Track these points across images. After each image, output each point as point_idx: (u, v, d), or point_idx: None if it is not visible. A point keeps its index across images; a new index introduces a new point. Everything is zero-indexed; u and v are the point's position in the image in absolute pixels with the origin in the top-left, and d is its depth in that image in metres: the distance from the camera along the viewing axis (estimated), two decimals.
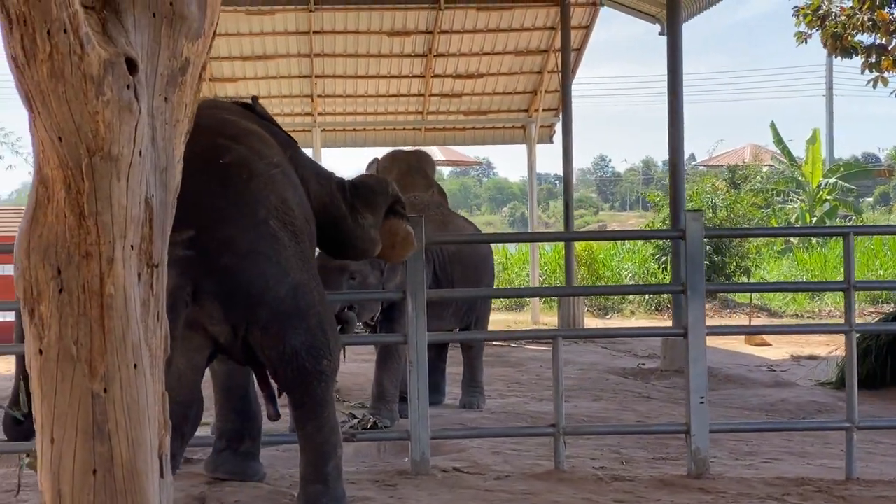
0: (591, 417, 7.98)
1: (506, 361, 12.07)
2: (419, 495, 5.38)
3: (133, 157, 2.86)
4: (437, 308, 7.87)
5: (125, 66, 2.83)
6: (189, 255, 4.58)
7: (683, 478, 5.84)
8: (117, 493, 2.85)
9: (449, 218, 8.33)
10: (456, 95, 19.06)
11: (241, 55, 17.68)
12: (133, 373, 2.88)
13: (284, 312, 4.89)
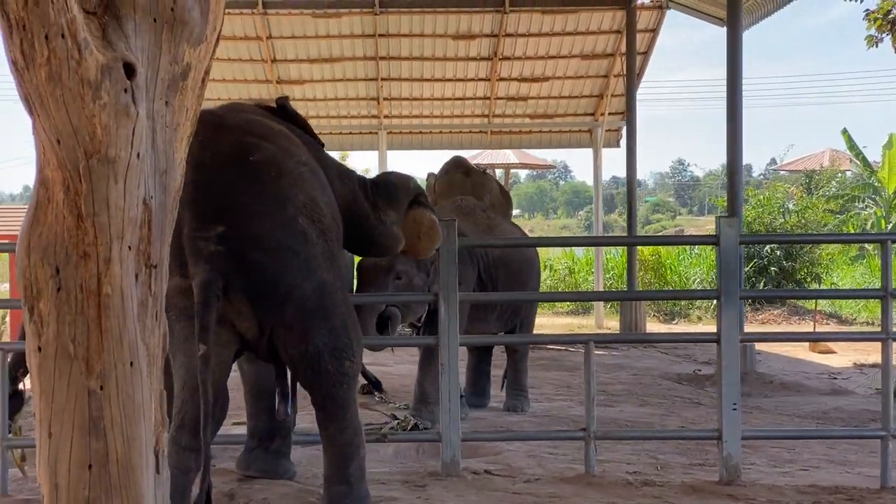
0: (635, 422, 7.95)
1: (562, 365, 12.05)
2: (446, 496, 5.41)
3: (131, 159, 2.91)
4: (482, 311, 7.92)
5: (122, 70, 2.89)
6: (220, 251, 4.66)
7: (714, 484, 5.81)
8: (112, 487, 2.91)
9: (495, 222, 8.34)
10: (522, 99, 19.06)
11: (307, 58, 17.85)
12: (129, 371, 2.94)
13: (309, 311, 4.93)
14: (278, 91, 18.44)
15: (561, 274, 24.54)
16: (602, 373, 11.34)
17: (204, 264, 4.62)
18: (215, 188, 4.76)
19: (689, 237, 17.39)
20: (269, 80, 18.25)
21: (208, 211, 4.71)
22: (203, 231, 4.66)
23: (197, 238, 4.65)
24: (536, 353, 12.92)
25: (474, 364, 8.68)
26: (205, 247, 4.64)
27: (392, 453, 6.85)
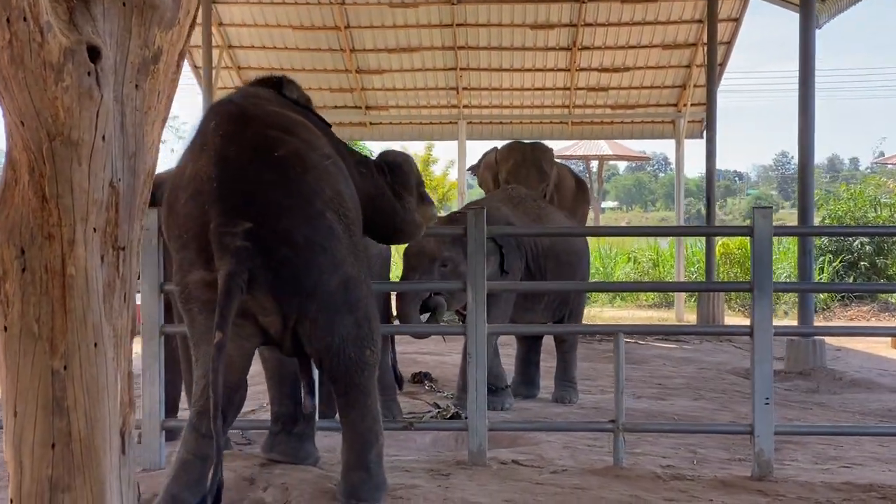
0: (683, 416, 7.84)
1: (629, 358, 11.80)
2: (468, 485, 5.38)
3: (95, 142, 2.94)
4: (529, 301, 7.88)
5: (86, 53, 2.91)
6: (246, 246, 4.66)
7: (746, 479, 5.70)
8: (74, 466, 2.95)
9: (545, 212, 8.29)
10: (602, 89, 18.89)
11: (385, 47, 17.89)
12: (93, 351, 2.97)
13: (335, 305, 4.96)
14: (357, 81, 18.54)
15: (644, 267, 24.35)
16: (669, 366, 11.25)
17: (230, 258, 4.63)
18: (241, 184, 4.78)
19: (721, 228, 16.99)
20: (349, 70, 18.34)
21: (235, 206, 4.72)
22: (230, 226, 4.66)
23: (224, 233, 4.66)
24: (603, 346, 12.83)
25: (523, 354, 8.64)
26: (231, 242, 4.65)
27: (430, 442, 6.86)
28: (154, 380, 5.85)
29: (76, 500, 2.95)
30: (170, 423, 6.09)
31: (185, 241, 4.83)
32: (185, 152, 5.09)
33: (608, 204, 67.30)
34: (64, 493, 2.94)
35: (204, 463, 4.81)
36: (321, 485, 5.21)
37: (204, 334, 4.83)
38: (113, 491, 3.02)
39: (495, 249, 7.37)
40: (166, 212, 5.02)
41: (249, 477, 5.33)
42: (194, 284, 4.83)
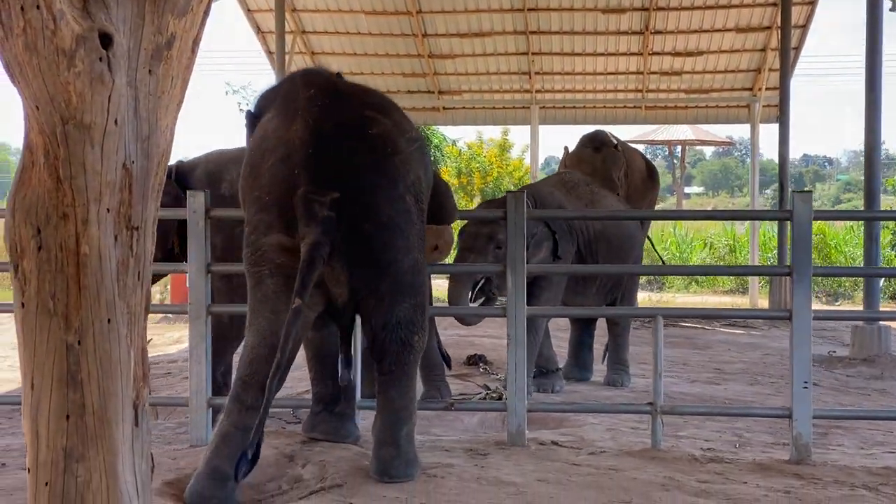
0: (734, 401, 7.82)
1: (693, 343, 11.90)
2: (503, 465, 5.44)
3: (107, 125, 3.03)
4: (580, 284, 7.91)
5: (98, 40, 3.01)
6: (332, 217, 4.79)
7: (784, 463, 5.68)
8: (88, 437, 3.05)
9: (597, 196, 8.29)
10: (676, 73, 18.79)
11: (457, 32, 17.93)
12: (106, 327, 3.07)
13: (402, 287, 5.11)
14: (430, 66, 18.62)
15: (721, 252, 24.17)
16: (733, 351, 11.20)
17: (316, 227, 4.75)
18: (334, 156, 4.93)
19: (761, 212, 16.62)
20: (421, 55, 18.42)
21: (326, 176, 4.86)
22: (318, 194, 4.79)
23: (312, 200, 4.78)
24: (669, 331, 12.78)
25: (576, 337, 8.67)
26: (319, 210, 4.77)
27: (477, 423, 6.92)
28: (201, 358, 5.97)
29: (89, 469, 3.05)
30: (216, 401, 6.21)
31: (266, 203, 4.94)
32: (272, 116, 5.20)
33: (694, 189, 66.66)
34: (78, 463, 3.04)
35: (245, 435, 4.83)
36: (358, 462, 5.31)
37: (268, 300, 4.95)
38: (125, 461, 3.12)
39: (549, 234, 7.41)
40: (247, 172, 5.12)
41: (289, 454, 5.44)
42: (269, 247, 4.93)
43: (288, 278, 4.85)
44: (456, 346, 10.11)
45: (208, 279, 6.03)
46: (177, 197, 6.68)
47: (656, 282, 20.94)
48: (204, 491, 4.84)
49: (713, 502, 4.90)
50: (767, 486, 5.23)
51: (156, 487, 4.97)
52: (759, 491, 5.10)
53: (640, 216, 8.12)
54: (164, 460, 5.46)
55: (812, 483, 5.31)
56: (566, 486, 5.09)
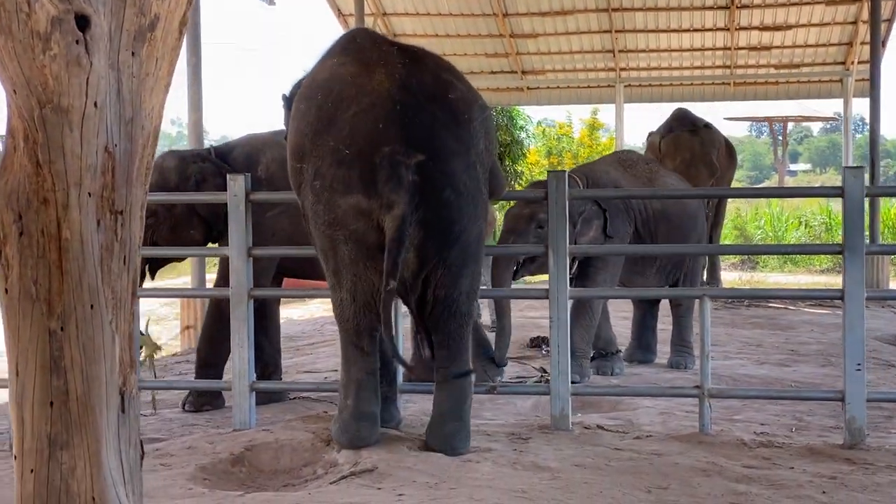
0: (802, 383, 7.61)
1: (775, 324, 11.63)
2: (542, 450, 5.34)
3: (86, 108, 3.00)
4: (639, 265, 7.76)
5: (74, 22, 2.97)
6: (416, 181, 4.77)
7: (836, 447, 5.50)
8: (72, 424, 3.03)
9: (656, 175, 8.11)
10: (764, 48, 18.37)
11: (539, 11, 17.74)
12: (90, 312, 3.04)
13: (468, 256, 5.11)
14: (512, 45, 18.47)
15: (817, 231, 23.65)
16: (816, 332, 10.90)
17: (404, 194, 4.73)
18: (420, 116, 4.90)
19: (812, 189, 16.14)
20: (503, 35, 18.28)
21: (414, 136, 4.84)
22: (406, 156, 4.76)
23: (399, 162, 4.75)
24: (752, 311, 12.55)
25: (639, 318, 8.51)
26: (405, 174, 4.74)
27: (530, 407, 6.83)
28: (243, 342, 5.97)
29: (74, 456, 3.03)
30: (259, 385, 6.22)
31: (347, 157, 4.84)
32: (339, 62, 5.15)
33: (801, 167, 65.47)
34: (62, 450, 3.02)
35: (375, 376, 5.14)
36: (394, 446, 5.25)
37: (345, 265, 4.96)
38: (110, 448, 3.09)
39: (599, 213, 7.28)
40: (315, 117, 4.99)
41: (326, 438, 5.41)
42: (346, 209, 4.86)
43: (362, 246, 4.86)
44: (521, 328, 10.02)
45: (249, 262, 6.01)
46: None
47: (749, 261, 20.57)
48: (360, 432, 5.10)
49: (754, 488, 4.77)
50: (814, 471, 5.07)
51: (189, 472, 5.00)
52: (804, 476, 4.96)
53: (681, 195, 7.89)
54: (202, 444, 5.47)
55: (862, 468, 5.14)
56: (603, 471, 4.99)
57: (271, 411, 6.64)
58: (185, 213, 6.80)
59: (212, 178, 6.73)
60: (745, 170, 57.45)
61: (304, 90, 5.20)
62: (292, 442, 5.43)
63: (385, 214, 4.71)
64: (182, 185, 6.73)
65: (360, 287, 4.95)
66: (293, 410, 6.65)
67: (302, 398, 7.12)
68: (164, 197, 6.64)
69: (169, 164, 6.88)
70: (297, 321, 12.89)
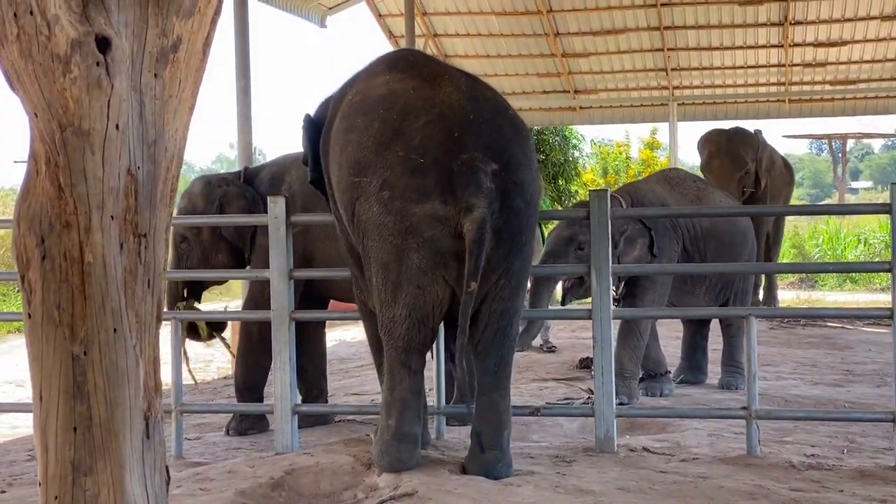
0: (855, 404, 7.44)
1: (832, 343, 11.43)
2: (586, 472, 5.24)
3: (108, 131, 2.97)
4: (688, 284, 7.65)
5: (94, 44, 2.95)
6: (492, 188, 4.76)
7: (888, 469, 5.34)
8: (95, 449, 3.00)
9: (704, 193, 7.98)
10: (820, 65, 18.19)
11: (590, 30, 17.68)
12: (112, 337, 3.01)
13: (525, 269, 5.11)
14: (564, 65, 18.41)
15: (877, 248, 23.30)
16: (874, 351, 10.68)
17: (483, 199, 4.71)
18: (492, 128, 4.92)
19: (860, 205, 15.87)
20: (554, 55, 18.23)
21: (489, 144, 4.84)
22: (485, 163, 4.76)
23: (478, 169, 4.74)
24: (808, 331, 12.36)
25: (689, 338, 8.38)
26: (484, 181, 4.74)
27: (577, 428, 6.74)
28: (285, 365, 5.94)
29: (98, 482, 3.00)
30: (301, 408, 6.19)
31: (421, 166, 4.80)
32: (396, 78, 5.14)
33: (862, 184, 64.82)
34: (86, 477, 2.99)
35: (419, 397, 5.09)
36: (434, 470, 5.17)
37: (413, 274, 4.86)
38: (134, 474, 3.05)
39: (644, 231, 7.19)
40: (379, 131, 4.93)
41: (367, 462, 5.35)
42: (421, 217, 4.79)
43: (435, 253, 4.81)
44: (571, 349, 9.95)
45: (291, 284, 5.99)
46: (253, 201, 6.72)
47: (808, 280, 20.31)
48: (401, 454, 5.02)
49: None
50: (865, 494, 4.93)
51: (227, 496, 4.96)
52: (853, 500, 4.82)
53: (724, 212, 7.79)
54: (242, 468, 5.42)
55: None
56: (647, 494, 4.88)
57: (315, 434, 6.61)
58: (212, 239, 6.84)
59: (236, 201, 6.78)
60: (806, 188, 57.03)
61: (357, 106, 5.14)
62: (333, 465, 5.37)
63: (465, 217, 4.68)
64: (207, 209, 6.77)
65: (422, 300, 4.87)
66: (337, 433, 6.61)
67: (347, 421, 7.09)
68: (203, 219, 6.66)
69: (195, 190, 6.95)
70: (350, 342, 12.87)
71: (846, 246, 23.68)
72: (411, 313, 4.90)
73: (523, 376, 8.55)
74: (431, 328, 4.99)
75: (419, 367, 5.01)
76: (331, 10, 17.12)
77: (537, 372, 8.94)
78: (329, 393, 7.78)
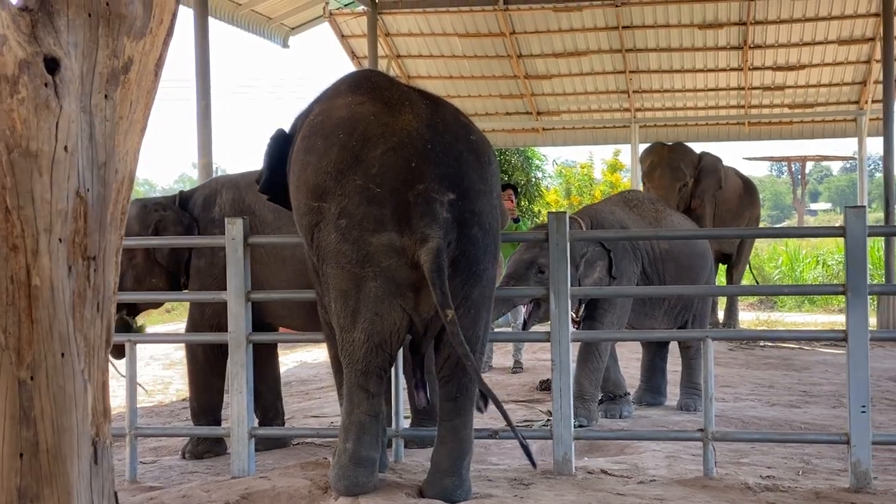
0: (811, 425, 7.47)
1: (789, 365, 11.47)
2: (544, 495, 5.22)
3: (56, 152, 2.94)
4: (647, 306, 7.66)
5: (42, 65, 2.92)
6: (449, 218, 4.75)
7: (842, 491, 5.36)
8: (42, 476, 2.96)
9: (663, 215, 8.01)
10: (778, 88, 18.30)
11: (553, 52, 17.72)
12: (60, 361, 2.97)
13: (485, 297, 5.07)
14: (527, 87, 18.45)
15: (835, 270, 23.45)
16: (830, 372, 10.73)
17: (439, 229, 4.70)
18: (450, 156, 4.88)
19: (815, 228, 16.02)
20: (517, 76, 18.26)
21: (447, 175, 4.81)
22: (440, 193, 4.74)
23: (434, 199, 4.73)
24: (766, 352, 12.41)
25: (648, 361, 8.38)
26: (440, 211, 4.72)
27: (537, 451, 6.69)
28: (242, 388, 5.89)
29: None
30: (259, 431, 6.14)
31: (378, 195, 4.78)
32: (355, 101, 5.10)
33: (821, 206, 65.31)
34: (32, 503, 2.94)
35: (378, 420, 5.00)
36: (391, 494, 5.13)
37: (371, 302, 4.85)
38: (82, 500, 3.02)
39: (603, 254, 7.19)
40: (339, 157, 4.90)
41: (323, 486, 5.31)
42: (379, 248, 4.79)
43: (391, 282, 4.80)
44: (531, 371, 9.94)
45: (248, 307, 5.94)
46: (189, 226, 6.69)
47: (767, 301, 20.40)
48: (358, 478, 4.96)
49: None
50: None
51: None
52: None
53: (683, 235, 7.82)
54: (198, 493, 5.37)
55: None
56: None
57: (273, 457, 6.56)
58: (146, 263, 6.77)
59: (172, 225, 6.73)
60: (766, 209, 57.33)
61: (318, 127, 5.12)
62: (289, 489, 5.32)
63: (420, 248, 4.67)
64: (143, 233, 6.70)
65: (379, 326, 4.86)
66: (295, 456, 6.56)
67: (305, 444, 7.04)
68: (166, 241, 6.61)
69: (131, 213, 6.85)
70: (311, 364, 12.80)
71: (805, 267, 23.81)
72: (370, 338, 4.89)
73: None
74: (389, 353, 4.97)
75: (378, 390, 4.97)
76: (293, 30, 17.09)
77: (497, 393, 8.84)
78: (288, 415, 7.74)
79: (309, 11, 16.82)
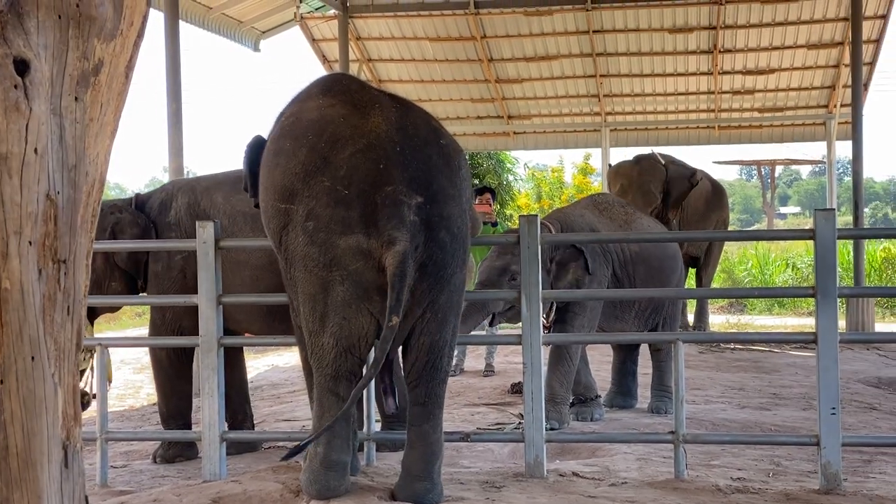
0: (781, 427, 7.51)
1: (759, 367, 11.52)
2: (516, 498, 5.24)
3: (26, 155, 2.92)
4: (618, 309, 7.68)
5: (12, 66, 2.90)
6: (416, 222, 4.73)
7: (812, 493, 5.40)
8: (12, 480, 2.93)
9: (632, 218, 8.05)
10: (748, 92, 18.42)
11: (523, 56, 17.77)
12: (30, 365, 2.95)
13: (453, 302, 5.05)
14: (497, 91, 18.49)
15: (804, 273, 23.60)
16: (800, 375, 10.80)
17: (405, 232, 4.68)
18: (419, 158, 4.87)
19: (785, 231, 16.10)
20: (488, 80, 18.29)
21: (415, 178, 4.80)
22: (408, 196, 4.73)
23: (402, 202, 4.71)
24: (737, 354, 12.47)
25: (619, 364, 8.40)
26: (408, 214, 4.70)
27: (508, 454, 6.73)
28: (213, 392, 5.87)
29: None
30: (230, 435, 6.13)
31: (346, 197, 4.77)
32: (327, 104, 5.10)
33: (791, 209, 65.73)
34: None
35: (348, 424, 5.04)
36: (363, 497, 5.13)
37: (339, 306, 4.85)
38: None
39: (576, 255, 7.21)
40: (307, 158, 4.90)
41: (295, 489, 5.29)
42: (346, 251, 4.78)
43: (359, 286, 4.80)
44: (503, 374, 9.96)
45: (219, 310, 5.93)
46: (145, 228, 6.67)
47: (737, 304, 20.51)
48: (329, 482, 4.97)
49: None
50: None
51: None
52: None
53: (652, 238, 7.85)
54: (168, 497, 5.35)
55: None
56: None
57: (244, 461, 6.55)
58: (105, 266, 6.74)
59: (129, 228, 6.69)
60: (736, 213, 57.67)
61: (287, 129, 5.12)
62: (261, 493, 5.30)
63: (387, 251, 4.66)
64: (99, 236, 6.64)
65: (347, 330, 4.86)
66: (266, 460, 6.54)
67: (277, 447, 7.02)
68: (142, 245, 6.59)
69: None
70: (282, 368, 12.78)
71: (775, 270, 23.95)
72: (338, 342, 4.89)
73: (455, 401, 8.53)
74: (359, 357, 4.97)
75: (347, 394, 4.94)
76: (264, 33, 17.07)
77: (469, 397, 8.93)
78: (260, 419, 7.72)
79: (280, 15, 16.81)
